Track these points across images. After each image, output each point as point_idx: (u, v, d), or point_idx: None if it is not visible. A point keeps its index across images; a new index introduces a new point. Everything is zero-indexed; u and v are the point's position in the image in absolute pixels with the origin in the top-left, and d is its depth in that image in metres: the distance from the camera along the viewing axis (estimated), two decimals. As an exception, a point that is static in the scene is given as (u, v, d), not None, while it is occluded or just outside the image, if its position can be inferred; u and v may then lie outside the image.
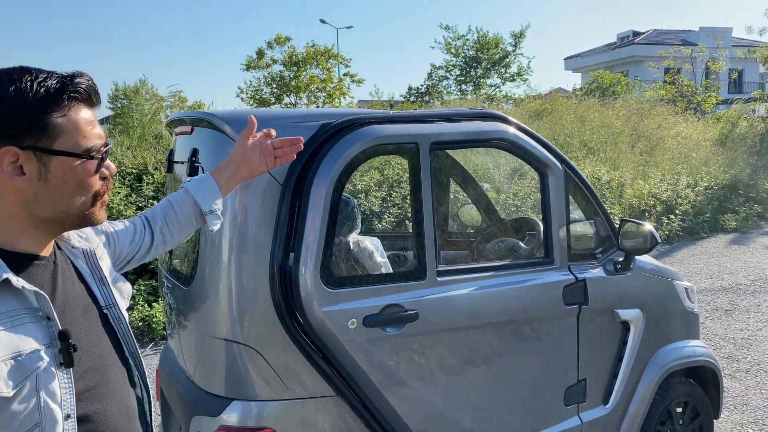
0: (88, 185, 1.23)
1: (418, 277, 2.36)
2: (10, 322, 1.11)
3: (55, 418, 1.13)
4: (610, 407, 2.91)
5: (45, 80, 1.16)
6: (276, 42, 24.75)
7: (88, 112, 1.23)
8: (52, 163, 1.17)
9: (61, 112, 1.17)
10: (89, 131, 1.21)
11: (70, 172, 1.19)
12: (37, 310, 1.15)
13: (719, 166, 13.52)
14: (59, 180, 1.19)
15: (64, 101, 1.18)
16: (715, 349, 5.44)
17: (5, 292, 1.12)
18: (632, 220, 2.90)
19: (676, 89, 23.45)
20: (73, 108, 1.19)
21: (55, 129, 1.16)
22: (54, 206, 1.20)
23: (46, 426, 1.12)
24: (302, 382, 2.21)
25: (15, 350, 1.09)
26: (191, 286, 2.34)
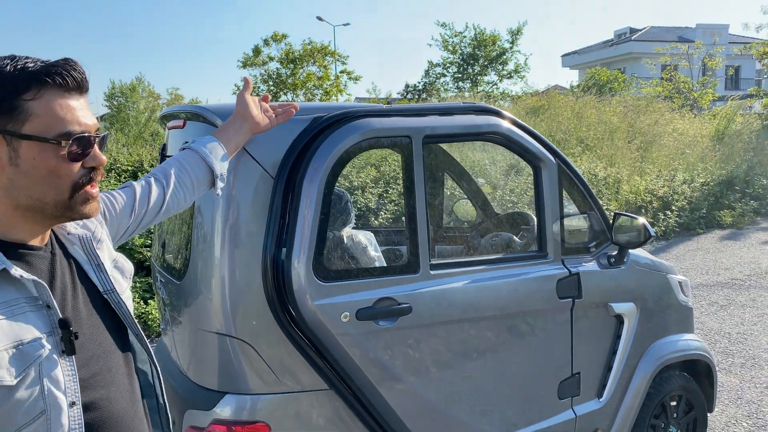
0: (63, 173, 1.17)
1: (412, 271, 2.36)
2: (10, 311, 1.10)
3: (60, 406, 1.12)
4: (604, 400, 2.91)
5: (25, 65, 1.13)
6: (273, 39, 24.75)
7: (69, 99, 1.18)
8: (21, 147, 1.14)
9: (32, 95, 1.13)
10: (66, 116, 1.16)
11: (39, 157, 1.15)
12: (36, 299, 1.15)
13: (715, 162, 13.55)
14: (30, 165, 1.15)
15: (36, 84, 1.13)
16: (710, 343, 5.45)
17: (4, 282, 1.12)
18: (626, 214, 2.90)
19: (672, 86, 23.47)
20: (48, 92, 1.15)
21: (25, 112, 1.13)
22: (29, 194, 1.16)
23: (51, 414, 1.11)
24: (295, 375, 2.21)
25: (16, 339, 1.09)
26: (184, 281, 2.34)
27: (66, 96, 1.17)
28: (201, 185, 1.76)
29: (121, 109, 15.64)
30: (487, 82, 29.22)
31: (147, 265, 6.52)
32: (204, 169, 1.74)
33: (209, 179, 1.77)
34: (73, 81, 1.18)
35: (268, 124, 1.94)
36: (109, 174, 7.59)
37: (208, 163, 1.74)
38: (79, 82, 1.19)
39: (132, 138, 9.90)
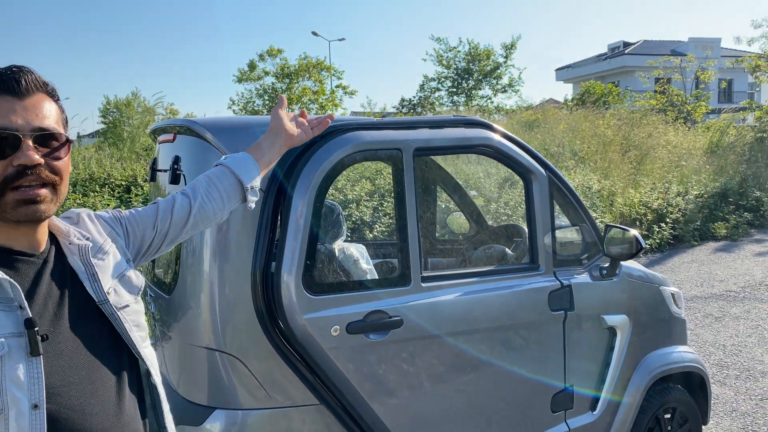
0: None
1: (403, 283, 2.36)
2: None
3: (19, 407, 1.11)
4: (597, 413, 2.89)
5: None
6: (268, 54, 24.85)
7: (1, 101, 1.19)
8: None
9: None
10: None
11: None
12: (11, 300, 1.15)
13: (709, 174, 13.60)
14: None
15: None
16: (705, 355, 5.44)
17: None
18: (617, 226, 2.91)
19: (666, 99, 23.62)
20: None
21: None
22: None
23: (9, 413, 1.11)
24: (286, 390, 2.20)
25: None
26: (173, 295, 2.32)
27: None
28: (231, 199, 1.72)
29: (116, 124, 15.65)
30: (482, 96, 29.37)
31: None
32: (233, 182, 1.70)
33: (239, 192, 1.72)
34: (2, 84, 1.19)
35: (303, 136, 1.88)
36: (102, 188, 7.58)
37: (237, 176, 1.70)
38: (9, 85, 1.19)
39: (125, 152, 9.88)
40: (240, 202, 1.74)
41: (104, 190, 7.50)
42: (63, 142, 1.26)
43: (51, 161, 1.22)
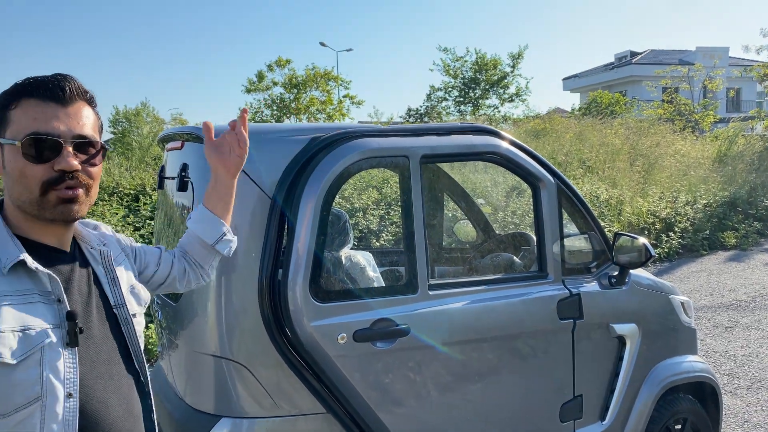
0: (29, 173, 1.24)
1: (410, 291, 2.34)
2: (23, 299, 1.21)
3: (56, 395, 1.20)
4: (607, 424, 2.86)
5: (23, 81, 1.26)
6: (276, 64, 24.98)
7: (45, 107, 1.26)
8: (5, 152, 1.26)
9: (14, 105, 1.26)
10: (29, 123, 1.24)
11: (12, 159, 1.25)
12: (50, 294, 1.25)
13: (718, 183, 13.53)
14: (9, 167, 1.26)
15: (17, 96, 1.26)
16: (715, 366, 5.38)
17: (21, 272, 1.23)
18: (626, 234, 2.88)
19: (674, 108, 23.57)
20: (26, 102, 1.25)
21: (8, 120, 1.26)
22: (12, 194, 1.27)
23: (47, 401, 1.19)
24: (292, 398, 2.18)
25: (24, 324, 1.18)
26: (180, 302, 2.32)
27: (41, 105, 1.26)
28: (207, 259, 1.76)
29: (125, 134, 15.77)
30: (489, 105, 29.38)
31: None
32: (200, 244, 1.74)
33: (210, 250, 1.75)
34: (48, 92, 1.26)
35: (239, 160, 1.72)
36: (111, 197, 7.61)
37: (200, 238, 1.73)
38: (55, 93, 1.26)
39: (135, 162, 9.94)
40: (217, 255, 1.78)
41: (113, 198, 7.53)
42: (99, 149, 1.33)
43: (87, 167, 1.30)
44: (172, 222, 2.63)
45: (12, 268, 1.22)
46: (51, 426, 1.19)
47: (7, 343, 1.15)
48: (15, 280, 1.22)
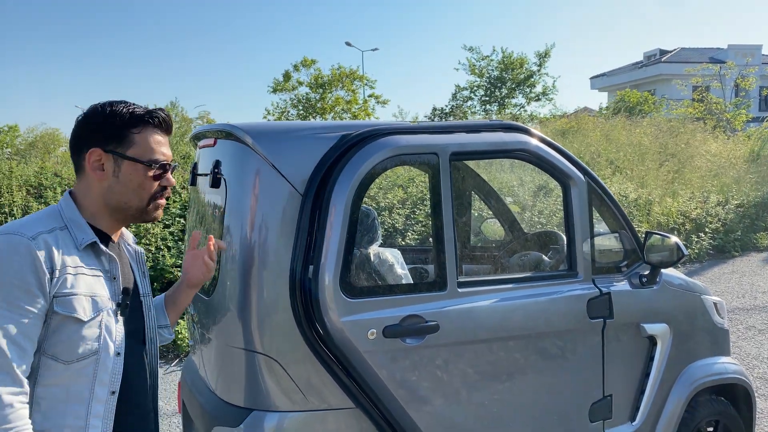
0: (147, 187, 1.63)
1: (439, 288, 2.35)
2: (92, 272, 1.55)
3: (109, 352, 1.54)
4: (637, 424, 2.83)
5: (134, 108, 1.61)
6: (302, 65, 25.14)
7: (160, 136, 1.66)
8: (123, 165, 1.60)
9: (138, 130, 1.61)
10: (156, 148, 1.63)
11: (134, 174, 1.61)
12: (108, 272, 1.60)
13: (751, 184, 13.25)
14: (126, 178, 1.61)
15: (141, 123, 1.61)
16: (748, 369, 5.28)
17: (90, 251, 1.57)
18: (658, 233, 2.85)
19: (704, 107, 23.13)
20: (147, 129, 1.63)
21: (131, 141, 1.60)
22: (120, 198, 1.62)
23: (102, 355, 1.53)
24: (322, 393, 2.20)
25: (93, 292, 1.53)
26: (213, 297, 2.35)
27: (158, 133, 1.65)
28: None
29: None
30: (515, 104, 29.18)
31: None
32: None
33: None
34: (165, 123, 1.67)
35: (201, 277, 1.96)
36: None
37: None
38: (168, 125, 1.68)
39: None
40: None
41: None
42: (175, 168, 1.73)
43: None
44: (204, 219, 2.67)
45: (86, 247, 1.55)
46: (102, 376, 1.53)
47: (82, 304, 1.49)
48: (86, 257, 1.55)
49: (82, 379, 1.50)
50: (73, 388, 1.49)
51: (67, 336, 1.48)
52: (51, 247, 1.47)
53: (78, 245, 1.54)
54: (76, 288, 1.49)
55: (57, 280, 1.46)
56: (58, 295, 1.46)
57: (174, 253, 6.71)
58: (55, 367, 1.48)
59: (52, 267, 1.46)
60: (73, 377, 1.49)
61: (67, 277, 1.48)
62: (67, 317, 1.47)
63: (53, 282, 1.46)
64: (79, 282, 1.50)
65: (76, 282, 1.49)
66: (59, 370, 1.48)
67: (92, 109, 1.61)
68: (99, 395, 1.52)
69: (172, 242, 6.88)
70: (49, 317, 1.47)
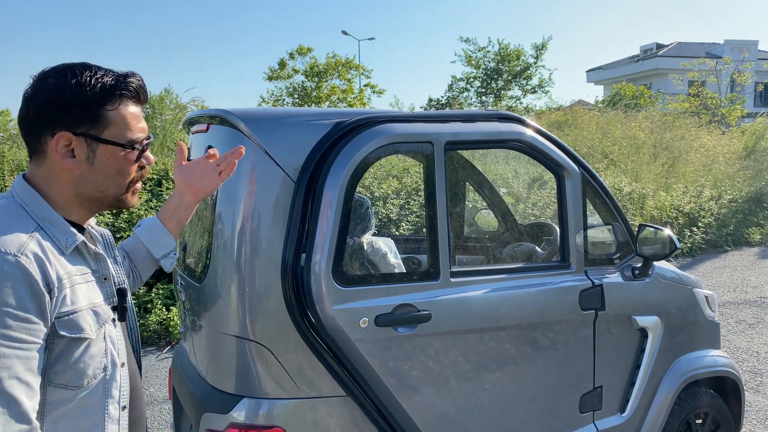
0: (127, 172, 1.39)
1: (432, 278, 2.34)
2: (84, 278, 1.33)
3: (116, 364, 1.36)
4: (626, 416, 2.85)
5: (102, 77, 1.32)
6: (298, 53, 25.03)
7: (136, 108, 1.39)
8: (99, 149, 1.34)
9: (112, 106, 1.34)
10: (134, 125, 1.38)
11: (113, 158, 1.36)
12: (96, 272, 1.38)
13: (744, 179, 13.30)
14: (103, 165, 1.35)
15: (116, 97, 1.34)
16: (738, 362, 5.32)
17: (76, 254, 1.34)
18: (651, 225, 2.85)
19: (700, 102, 23.17)
20: (123, 103, 1.36)
21: (106, 120, 1.33)
22: (96, 187, 1.36)
23: (110, 370, 1.35)
24: (313, 381, 2.20)
25: (92, 302, 1.32)
26: (204, 283, 2.34)
27: (134, 104, 1.39)
28: (146, 270, 1.84)
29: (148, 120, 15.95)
30: (511, 96, 29.15)
31: (169, 272, 6.58)
32: (146, 254, 1.81)
33: (153, 263, 1.83)
34: (142, 93, 1.40)
35: (211, 186, 1.77)
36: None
37: (148, 250, 1.80)
38: (145, 93, 1.41)
39: (157, 146, 10.04)
40: (155, 265, 1.85)
41: (136, 183, 7.62)
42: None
43: None
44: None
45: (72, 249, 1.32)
46: (113, 392, 1.35)
47: (87, 320, 1.29)
48: (73, 260, 1.32)
49: (93, 400, 1.32)
50: (83, 412, 1.31)
51: (75, 359, 1.27)
52: (42, 260, 1.23)
53: (63, 249, 1.29)
54: (77, 303, 1.28)
55: (56, 299, 1.24)
56: (60, 315, 1.24)
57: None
58: (65, 395, 1.28)
59: (48, 284, 1.22)
60: (84, 401, 1.30)
61: (65, 293, 1.26)
62: (75, 339, 1.26)
63: (53, 302, 1.23)
64: (77, 294, 1.28)
65: (74, 295, 1.27)
66: (68, 397, 1.28)
67: (51, 81, 1.29)
68: (112, 414, 1.35)
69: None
70: (51, 343, 1.25)
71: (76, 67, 1.31)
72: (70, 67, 1.31)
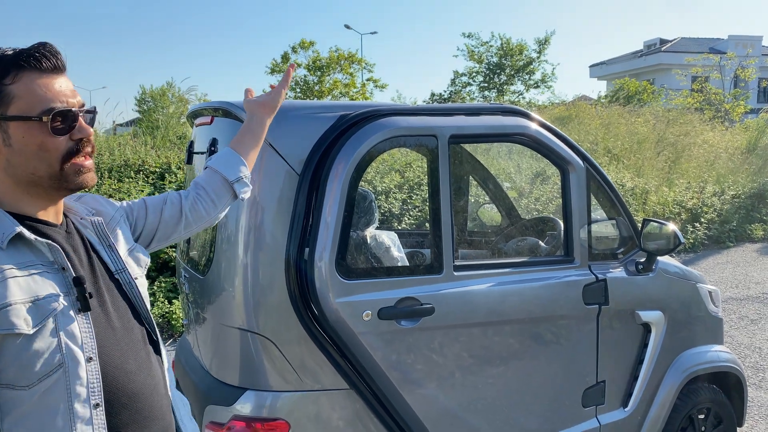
0: (51, 146, 1.26)
1: (435, 271, 2.34)
2: (26, 270, 1.22)
3: (77, 360, 1.22)
4: (629, 410, 2.85)
5: (2, 54, 1.23)
6: (300, 46, 24.97)
7: (47, 78, 1.26)
8: (10, 128, 1.24)
9: (11, 80, 1.23)
10: (44, 95, 1.24)
11: (28, 134, 1.24)
12: (53, 263, 1.26)
13: (747, 175, 13.26)
14: (21, 143, 1.24)
15: (14, 68, 1.23)
16: (740, 358, 5.31)
17: (20, 245, 1.24)
18: (655, 220, 2.84)
19: (703, 97, 23.09)
20: (26, 74, 1.24)
21: (7, 96, 1.23)
22: (24, 170, 1.26)
23: (69, 366, 1.21)
24: (316, 374, 2.20)
25: (33, 294, 1.20)
26: (207, 276, 2.34)
27: (43, 76, 1.26)
28: (221, 196, 1.77)
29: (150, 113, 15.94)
30: (513, 91, 29.06)
31: (172, 265, 6.59)
32: (219, 179, 1.76)
33: (228, 189, 1.78)
34: (47, 62, 1.26)
35: (279, 98, 1.90)
36: (137, 174, 7.69)
37: (221, 174, 1.76)
38: (54, 63, 1.27)
39: (159, 140, 10.03)
40: (232, 197, 1.80)
41: (138, 176, 7.61)
42: (94, 115, 1.35)
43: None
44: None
45: (11, 242, 1.22)
46: (77, 390, 1.22)
47: (21, 314, 1.17)
48: (15, 254, 1.22)
49: (53, 400, 1.21)
50: (45, 413, 1.20)
51: (14, 356, 1.17)
52: None
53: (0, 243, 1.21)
54: (9, 297, 1.17)
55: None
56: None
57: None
58: (17, 396, 1.18)
59: None
60: (43, 401, 1.20)
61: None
62: (6, 335, 1.16)
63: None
64: (10, 288, 1.18)
65: (5, 290, 1.18)
66: (23, 397, 1.19)
67: None
68: (80, 413, 1.22)
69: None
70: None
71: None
72: None
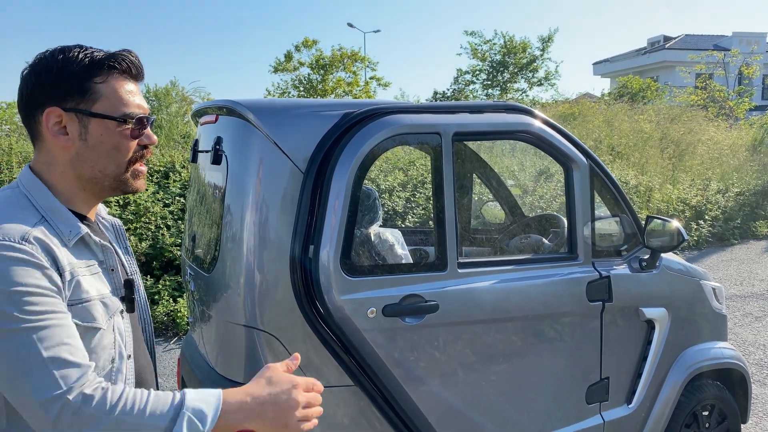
0: (124, 148, 1.31)
1: (439, 268, 2.35)
2: (90, 270, 1.27)
3: (123, 356, 1.31)
4: (633, 407, 2.85)
5: (93, 53, 1.29)
6: (304, 45, 24.96)
7: (130, 84, 1.33)
8: (91, 124, 1.28)
9: (102, 79, 1.28)
10: (128, 99, 1.30)
11: (106, 133, 1.29)
12: (102, 263, 1.32)
13: (751, 172, 13.23)
14: (97, 140, 1.29)
15: (105, 69, 1.29)
16: (744, 355, 5.31)
17: (82, 246, 1.28)
18: (659, 217, 2.84)
19: (707, 94, 23.02)
20: (114, 77, 1.30)
21: (95, 93, 1.27)
22: (93, 166, 1.30)
23: (117, 362, 1.29)
24: (321, 370, 2.21)
25: (101, 293, 1.27)
26: (212, 273, 2.35)
27: (127, 81, 1.33)
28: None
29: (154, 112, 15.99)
30: (517, 89, 29.00)
31: (177, 264, 6.61)
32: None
33: None
34: (135, 68, 1.33)
35: None
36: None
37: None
38: (138, 69, 1.35)
39: (163, 139, 10.06)
40: None
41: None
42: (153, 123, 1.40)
43: None
44: (204, 197, 2.67)
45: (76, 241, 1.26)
46: (118, 384, 1.22)
47: (99, 310, 1.24)
48: (78, 252, 1.26)
49: None
50: None
51: (88, 350, 1.19)
52: (48, 245, 1.18)
53: (66, 241, 1.24)
54: (89, 292, 1.23)
55: (67, 284, 1.19)
56: (72, 302, 1.20)
57: (174, 232, 6.70)
58: None
59: (58, 268, 1.18)
60: None
61: (75, 281, 1.21)
62: (88, 328, 1.21)
63: (65, 285, 1.18)
64: (87, 284, 1.24)
65: (83, 285, 1.23)
66: None
67: (40, 59, 1.28)
68: None
69: (171, 221, 6.86)
70: None
71: (68, 46, 1.29)
72: (62, 47, 1.29)
